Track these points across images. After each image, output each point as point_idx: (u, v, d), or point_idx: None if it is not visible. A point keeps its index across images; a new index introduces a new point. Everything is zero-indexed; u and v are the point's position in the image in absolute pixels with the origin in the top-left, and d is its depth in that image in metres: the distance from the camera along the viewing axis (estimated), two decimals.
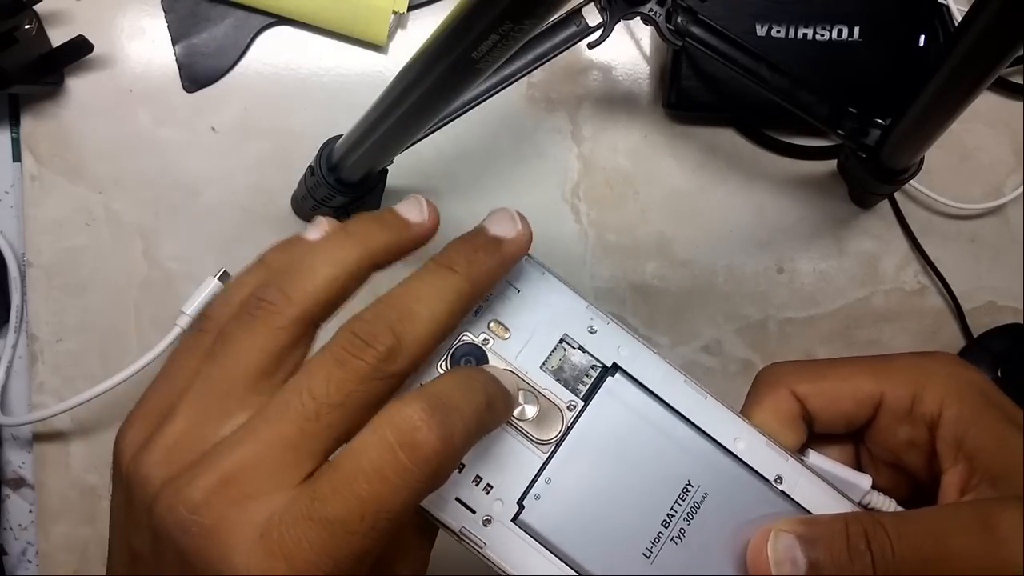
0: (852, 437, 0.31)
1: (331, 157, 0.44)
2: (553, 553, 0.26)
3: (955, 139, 0.54)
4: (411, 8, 0.51)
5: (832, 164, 0.54)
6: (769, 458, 0.28)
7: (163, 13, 0.51)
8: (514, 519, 0.26)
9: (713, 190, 0.54)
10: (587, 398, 0.28)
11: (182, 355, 0.26)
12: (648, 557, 0.26)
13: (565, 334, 0.28)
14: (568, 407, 0.28)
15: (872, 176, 0.49)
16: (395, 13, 0.51)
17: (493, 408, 0.25)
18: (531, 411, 0.27)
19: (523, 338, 0.28)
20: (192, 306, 0.48)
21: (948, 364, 0.29)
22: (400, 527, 0.22)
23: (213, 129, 0.51)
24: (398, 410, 0.22)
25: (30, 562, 0.50)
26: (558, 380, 0.28)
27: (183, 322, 0.48)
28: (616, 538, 0.26)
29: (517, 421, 0.27)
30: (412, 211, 0.28)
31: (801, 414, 0.29)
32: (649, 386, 0.28)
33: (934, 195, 0.54)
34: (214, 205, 0.51)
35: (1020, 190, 0.55)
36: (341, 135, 0.43)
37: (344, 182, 0.44)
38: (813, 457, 0.29)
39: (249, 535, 0.22)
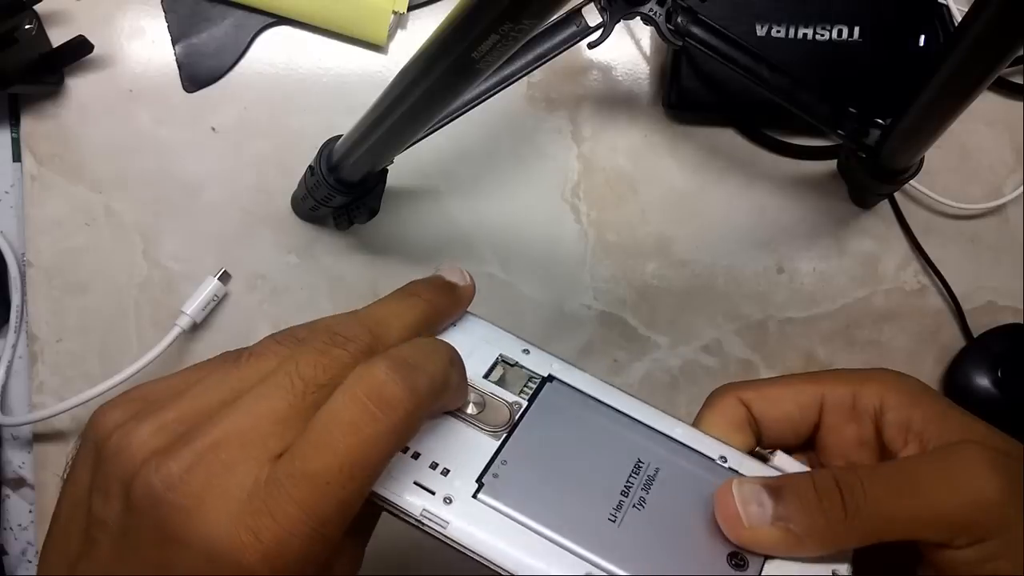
0: (804, 451, 0.31)
1: (331, 157, 0.44)
2: (519, 524, 0.26)
3: (955, 139, 0.54)
4: (411, 8, 0.51)
5: (832, 164, 0.54)
6: (711, 443, 0.29)
7: (163, 13, 0.51)
8: (475, 495, 0.26)
9: (713, 190, 0.54)
10: (530, 401, 0.29)
11: (207, 369, 0.27)
12: (614, 522, 0.26)
13: (501, 354, 0.31)
14: (513, 407, 0.29)
15: (872, 176, 0.49)
16: (395, 13, 0.51)
17: (455, 365, 0.27)
18: (480, 408, 0.29)
19: (464, 356, 0.29)
20: (192, 306, 0.48)
21: (883, 370, 0.30)
22: (375, 478, 0.24)
23: (213, 129, 0.51)
24: (366, 369, 0.24)
25: (30, 562, 0.50)
26: (501, 386, 0.30)
27: (183, 322, 0.48)
28: (580, 508, 0.27)
29: (468, 414, 0.28)
30: (455, 275, 0.32)
31: (747, 419, 0.30)
32: (587, 391, 0.30)
33: (934, 195, 0.54)
34: (214, 205, 0.51)
35: (1020, 190, 0.55)
36: (341, 135, 0.43)
37: (344, 182, 0.44)
38: (779, 458, 0.29)
39: (236, 497, 0.23)
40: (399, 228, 0.52)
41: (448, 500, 0.26)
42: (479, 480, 0.27)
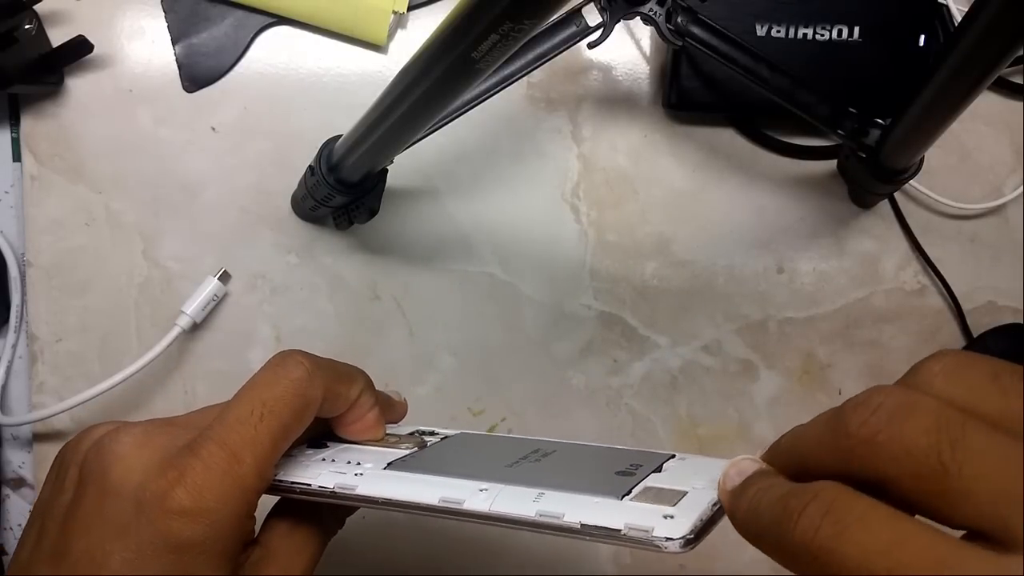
0: None
1: (331, 157, 0.44)
2: (423, 476, 0.29)
3: (955, 139, 0.54)
4: (411, 8, 0.51)
5: (832, 164, 0.54)
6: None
7: (163, 13, 0.51)
8: (383, 469, 0.30)
9: (713, 190, 0.54)
10: (441, 440, 0.33)
11: None
12: (510, 467, 0.29)
13: (418, 428, 0.35)
14: (424, 439, 0.33)
15: (872, 176, 0.49)
16: (395, 13, 0.51)
17: (362, 374, 0.33)
18: (395, 440, 0.33)
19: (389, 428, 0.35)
20: (192, 306, 0.48)
21: None
22: (284, 429, 0.28)
23: (213, 129, 0.51)
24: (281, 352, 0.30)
25: None
26: (416, 435, 0.34)
27: (183, 322, 0.48)
28: (479, 464, 0.30)
29: (383, 442, 0.33)
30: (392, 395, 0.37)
31: None
32: (497, 436, 0.34)
33: (934, 195, 0.54)
34: (214, 205, 0.51)
35: (1020, 190, 0.55)
36: (341, 135, 0.43)
37: (344, 182, 0.44)
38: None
39: (173, 447, 0.28)
40: (399, 228, 0.52)
41: (359, 475, 0.29)
42: (388, 464, 0.30)
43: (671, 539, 0.23)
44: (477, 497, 0.26)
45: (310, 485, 0.29)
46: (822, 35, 0.50)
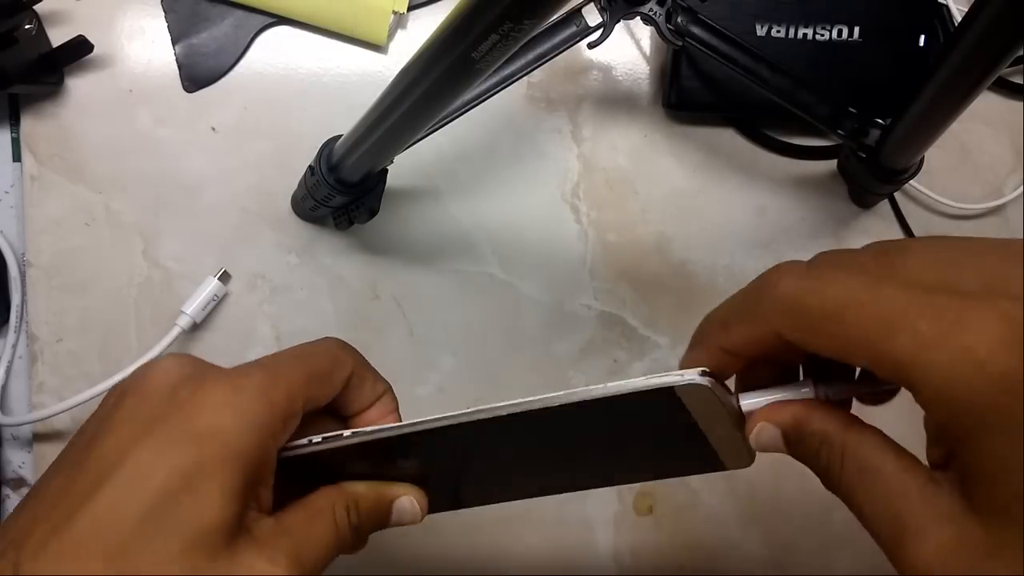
0: None
1: (331, 157, 0.44)
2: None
3: (955, 139, 0.54)
4: (411, 8, 0.51)
5: (832, 164, 0.54)
6: None
7: (163, 13, 0.51)
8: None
9: (713, 190, 0.54)
10: None
11: None
12: None
13: None
14: None
15: (872, 176, 0.49)
16: (395, 13, 0.51)
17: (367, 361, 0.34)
18: None
19: None
20: (192, 306, 0.48)
21: None
22: (319, 375, 0.31)
23: (213, 129, 0.51)
24: None
25: None
26: None
27: (183, 322, 0.48)
28: None
29: None
30: None
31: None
32: None
33: (934, 195, 0.54)
34: (214, 205, 0.51)
35: (1020, 190, 0.55)
36: (341, 135, 0.43)
37: (344, 182, 0.44)
38: (744, 401, 0.29)
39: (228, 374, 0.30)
40: (399, 228, 0.52)
41: (355, 433, 0.31)
42: None
43: (688, 373, 0.27)
44: (482, 410, 0.30)
45: (310, 440, 0.31)
46: (822, 35, 0.50)
